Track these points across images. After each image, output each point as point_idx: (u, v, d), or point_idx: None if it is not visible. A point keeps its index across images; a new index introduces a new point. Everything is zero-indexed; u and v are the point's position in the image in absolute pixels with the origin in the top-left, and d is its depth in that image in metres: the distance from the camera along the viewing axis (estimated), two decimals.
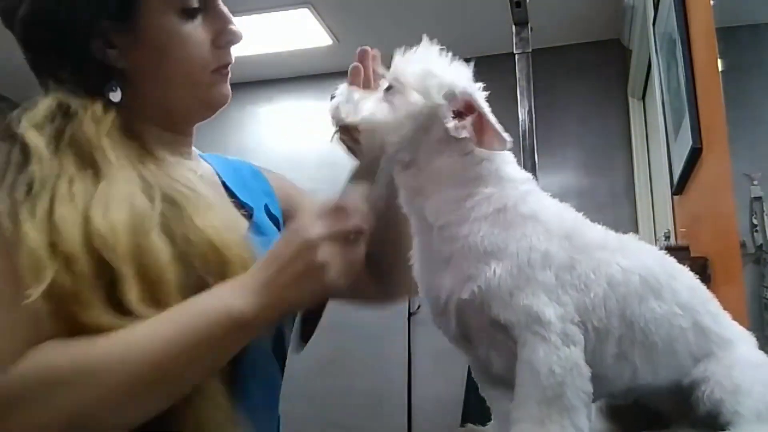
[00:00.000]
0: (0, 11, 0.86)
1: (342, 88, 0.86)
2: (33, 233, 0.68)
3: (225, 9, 0.89)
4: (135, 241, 0.72)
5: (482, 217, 0.78)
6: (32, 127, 0.77)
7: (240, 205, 0.93)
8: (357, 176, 0.81)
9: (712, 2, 1.87)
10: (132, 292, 0.70)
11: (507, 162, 0.83)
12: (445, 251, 0.79)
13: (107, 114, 0.81)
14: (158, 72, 0.85)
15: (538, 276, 0.75)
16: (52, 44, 0.84)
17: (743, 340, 0.86)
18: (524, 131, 1.57)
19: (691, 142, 2.09)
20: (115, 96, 0.84)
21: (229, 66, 0.90)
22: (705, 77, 2.03)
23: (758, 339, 0.88)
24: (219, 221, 0.80)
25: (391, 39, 0.90)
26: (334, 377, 3.83)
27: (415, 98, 0.79)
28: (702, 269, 1.91)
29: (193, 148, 0.99)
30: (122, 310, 0.70)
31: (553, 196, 0.85)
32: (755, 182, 1.70)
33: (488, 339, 0.78)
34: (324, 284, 0.72)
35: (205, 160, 1.01)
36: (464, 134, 0.79)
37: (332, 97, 0.85)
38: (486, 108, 0.80)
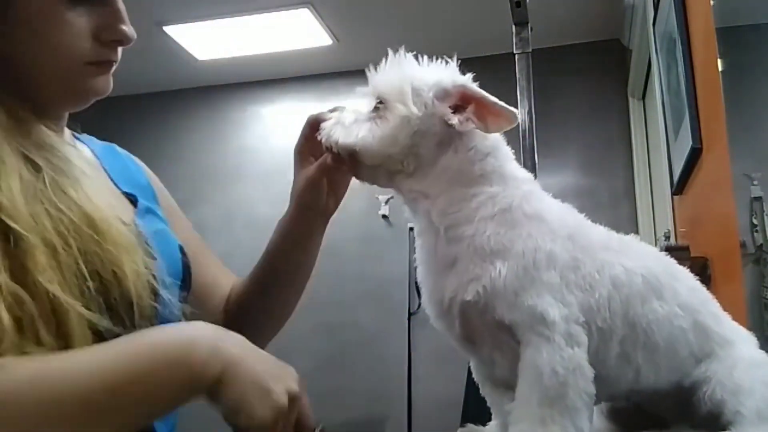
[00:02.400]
0: None
1: (333, 113, 0.87)
2: None
3: (122, 6, 0.84)
4: (30, 210, 0.70)
5: (488, 216, 0.77)
6: None
7: (123, 193, 0.91)
8: None
9: (712, 2, 1.87)
10: (39, 260, 0.68)
11: (509, 159, 0.83)
12: (450, 253, 0.78)
13: None
14: (30, 55, 0.80)
15: (543, 276, 0.74)
16: None
17: (744, 340, 0.86)
18: (524, 131, 1.57)
19: (691, 142, 2.09)
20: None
21: (113, 63, 0.85)
22: (705, 77, 2.02)
23: (758, 339, 0.88)
24: (98, 197, 0.78)
25: (390, 39, 0.90)
26: (334, 377, 3.83)
27: (401, 107, 0.80)
28: (702, 269, 1.91)
29: (67, 129, 0.94)
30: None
31: (553, 196, 0.85)
32: (755, 182, 1.69)
33: (492, 340, 0.78)
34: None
35: (83, 143, 0.97)
36: (471, 126, 0.79)
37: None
38: (482, 92, 0.80)
